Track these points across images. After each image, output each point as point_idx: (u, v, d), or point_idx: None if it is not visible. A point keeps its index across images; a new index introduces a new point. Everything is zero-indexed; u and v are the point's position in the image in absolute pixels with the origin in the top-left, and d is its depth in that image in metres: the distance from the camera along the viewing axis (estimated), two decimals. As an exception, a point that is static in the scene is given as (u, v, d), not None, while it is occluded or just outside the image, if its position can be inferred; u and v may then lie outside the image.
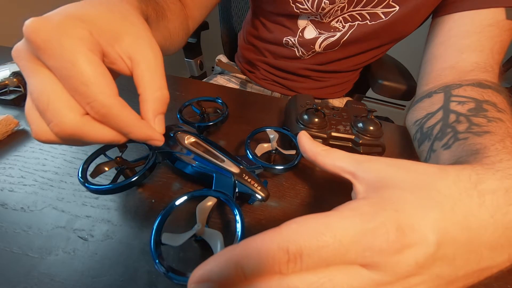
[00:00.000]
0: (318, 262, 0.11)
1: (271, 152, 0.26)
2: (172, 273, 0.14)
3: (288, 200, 0.24)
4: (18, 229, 0.19)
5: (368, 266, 0.11)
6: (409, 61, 0.64)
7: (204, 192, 0.18)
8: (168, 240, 0.16)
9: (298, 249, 0.10)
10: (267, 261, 0.10)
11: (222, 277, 0.10)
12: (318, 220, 0.11)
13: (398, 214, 0.12)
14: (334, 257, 0.11)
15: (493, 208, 0.12)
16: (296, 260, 0.10)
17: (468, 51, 0.33)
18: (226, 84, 0.59)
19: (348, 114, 0.31)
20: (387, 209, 0.12)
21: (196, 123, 0.27)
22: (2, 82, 0.31)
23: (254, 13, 0.52)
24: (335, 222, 0.11)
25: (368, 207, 0.12)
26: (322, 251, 0.11)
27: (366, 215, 0.12)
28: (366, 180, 0.15)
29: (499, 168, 0.14)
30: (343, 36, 0.43)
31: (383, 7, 0.38)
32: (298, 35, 0.46)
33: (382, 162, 0.15)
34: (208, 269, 0.11)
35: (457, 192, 0.13)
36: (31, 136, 0.27)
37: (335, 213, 0.12)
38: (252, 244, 0.11)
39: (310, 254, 0.10)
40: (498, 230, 0.12)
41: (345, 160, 0.17)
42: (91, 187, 0.18)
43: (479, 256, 0.12)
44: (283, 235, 0.11)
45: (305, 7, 0.41)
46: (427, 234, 0.11)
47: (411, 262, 0.11)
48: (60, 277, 0.17)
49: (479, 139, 0.20)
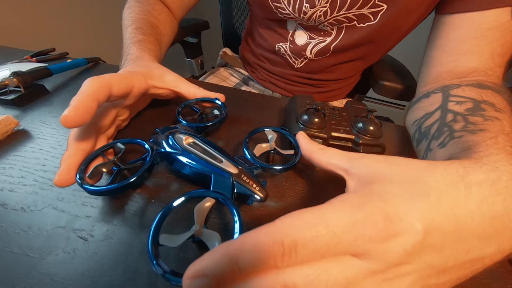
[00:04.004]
0: (312, 254, 0.11)
1: (270, 152, 0.26)
2: (170, 275, 0.14)
3: (287, 200, 0.24)
4: (18, 229, 0.19)
5: (359, 255, 0.11)
6: (410, 61, 0.64)
7: (202, 193, 0.18)
8: (166, 241, 0.16)
9: (292, 241, 0.11)
10: (262, 255, 0.10)
11: (217, 272, 0.10)
12: (311, 213, 0.12)
13: (386, 205, 0.12)
14: (327, 247, 0.11)
15: (479, 199, 0.13)
16: (291, 252, 0.11)
17: (467, 56, 0.32)
18: (229, 77, 0.59)
19: (348, 114, 0.31)
20: (375, 200, 0.12)
21: (195, 123, 0.27)
22: (2, 82, 0.31)
23: (251, 18, 0.52)
24: (327, 214, 0.12)
25: (357, 198, 0.13)
26: (316, 242, 0.11)
27: (356, 206, 0.12)
28: (358, 176, 0.16)
29: (486, 162, 0.15)
30: (333, 41, 0.42)
31: (369, 7, 0.36)
32: (289, 40, 0.46)
33: (373, 158, 0.16)
34: (203, 265, 0.11)
35: (444, 184, 0.13)
36: (31, 136, 0.27)
37: (327, 205, 0.12)
38: (247, 239, 0.11)
39: (304, 245, 0.11)
40: (485, 220, 0.13)
41: (338, 158, 0.18)
42: (89, 188, 0.18)
43: (467, 246, 0.13)
44: (277, 228, 0.11)
45: (288, 12, 0.41)
46: (413, 223, 0.12)
47: (400, 249, 0.11)
48: (60, 277, 0.17)
49: (472, 137, 0.20)
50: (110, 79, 0.21)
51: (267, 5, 0.41)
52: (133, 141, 0.22)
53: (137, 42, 0.32)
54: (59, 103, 0.33)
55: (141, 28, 0.35)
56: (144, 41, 0.33)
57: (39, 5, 0.86)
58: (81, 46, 1.05)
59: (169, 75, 0.29)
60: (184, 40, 0.72)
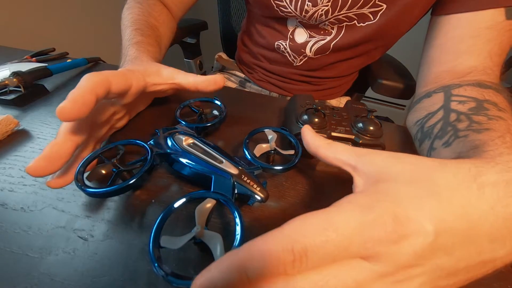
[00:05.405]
0: (323, 259, 0.11)
1: (270, 152, 0.26)
2: (171, 277, 0.14)
3: (288, 200, 0.24)
4: (18, 229, 0.19)
5: (369, 258, 0.11)
6: (409, 60, 0.64)
7: (203, 193, 0.18)
8: (167, 243, 0.16)
9: (303, 247, 0.10)
10: (272, 262, 0.10)
11: (225, 282, 0.10)
12: (319, 217, 0.11)
13: (395, 206, 0.12)
14: (338, 251, 0.11)
15: (492, 200, 0.12)
16: (301, 259, 0.10)
17: (465, 55, 0.32)
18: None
19: (348, 114, 0.31)
20: (384, 201, 0.12)
21: (194, 124, 0.27)
22: (2, 82, 0.31)
23: (249, 17, 0.52)
24: (336, 216, 0.11)
25: (365, 199, 0.13)
26: (327, 246, 0.11)
27: (364, 208, 0.12)
28: (366, 174, 0.15)
29: (499, 161, 0.14)
30: (333, 39, 0.43)
31: (369, 7, 0.37)
32: (289, 38, 0.46)
33: (382, 155, 0.15)
34: (210, 276, 0.10)
35: (455, 184, 0.13)
36: (31, 136, 0.27)
37: (335, 208, 0.12)
38: (254, 246, 0.11)
39: (315, 251, 0.10)
40: (498, 222, 0.12)
41: (346, 153, 0.17)
42: (88, 190, 0.18)
43: (479, 248, 0.12)
44: (286, 235, 0.11)
45: (289, 10, 0.41)
46: (424, 224, 0.11)
47: (410, 251, 0.11)
48: (60, 277, 0.17)
49: (479, 136, 0.20)
50: (110, 75, 0.21)
51: (268, 4, 0.41)
52: (132, 142, 0.22)
53: (136, 44, 0.32)
54: (59, 103, 0.33)
55: (141, 30, 0.35)
56: (144, 43, 0.33)
57: (39, 5, 0.86)
58: (81, 46, 1.05)
59: (165, 69, 0.28)
60: (183, 40, 0.72)
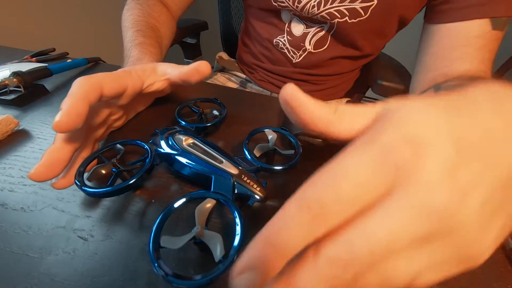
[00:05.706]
0: (345, 206, 0.10)
1: (270, 152, 0.26)
2: (172, 277, 0.14)
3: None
4: (18, 229, 0.19)
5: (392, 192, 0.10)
6: (409, 60, 0.64)
7: (203, 193, 0.18)
8: (167, 243, 0.16)
9: (318, 199, 0.10)
10: (294, 226, 0.10)
11: (260, 260, 0.10)
12: (327, 168, 0.11)
13: (401, 128, 0.11)
14: (356, 193, 0.10)
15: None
16: (320, 214, 0.10)
17: (459, 61, 0.34)
18: (226, 82, 0.59)
19: (348, 115, 0.32)
20: (388, 127, 0.11)
21: (194, 124, 0.27)
22: (2, 82, 0.31)
23: (246, 16, 0.53)
24: (343, 161, 0.11)
25: (367, 135, 0.11)
26: (343, 192, 0.10)
27: (368, 142, 0.11)
28: None
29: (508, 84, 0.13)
30: (330, 30, 0.43)
31: (361, 1, 0.38)
32: (286, 31, 0.46)
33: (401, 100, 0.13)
34: (246, 259, 0.10)
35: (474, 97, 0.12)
36: (31, 136, 0.27)
37: (338, 156, 0.11)
38: (275, 218, 0.10)
39: (333, 199, 0.10)
40: None
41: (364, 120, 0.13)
42: (88, 190, 0.18)
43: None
44: (298, 197, 0.11)
45: (282, 1, 0.41)
46: (438, 138, 0.10)
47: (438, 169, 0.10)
48: (60, 277, 0.17)
49: (469, 82, 0.19)
50: (101, 79, 0.21)
51: None
52: (132, 142, 0.22)
53: (138, 45, 0.32)
54: (59, 103, 0.33)
55: (142, 31, 0.35)
56: (146, 44, 0.33)
57: (39, 5, 0.86)
58: (81, 46, 1.05)
59: (160, 65, 0.28)
60: (183, 41, 0.72)
